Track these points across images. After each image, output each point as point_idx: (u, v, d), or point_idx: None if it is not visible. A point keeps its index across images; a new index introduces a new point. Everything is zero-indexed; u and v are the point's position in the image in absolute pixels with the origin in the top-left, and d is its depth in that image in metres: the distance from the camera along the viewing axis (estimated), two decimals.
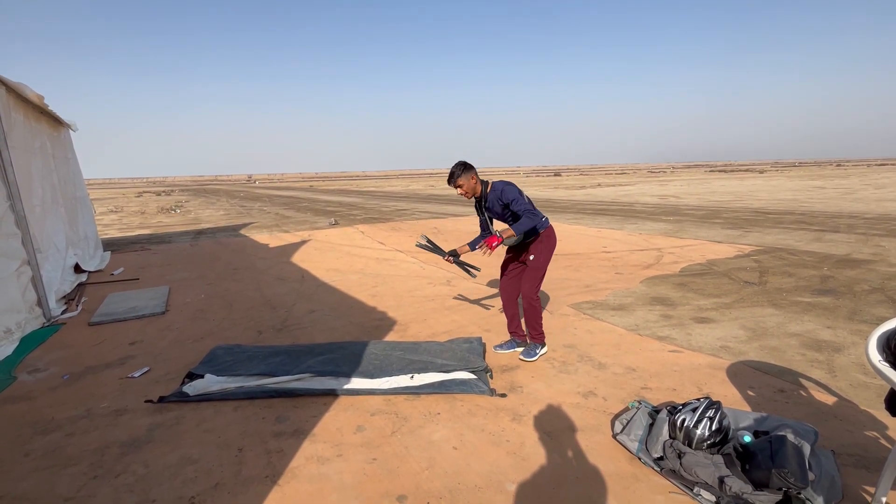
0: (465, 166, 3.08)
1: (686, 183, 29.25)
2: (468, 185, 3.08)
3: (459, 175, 3.07)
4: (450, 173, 3.11)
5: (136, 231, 12.18)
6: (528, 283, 3.18)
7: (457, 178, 3.07)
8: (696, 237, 8.40)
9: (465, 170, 3.07)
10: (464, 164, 3.09)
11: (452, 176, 3.09)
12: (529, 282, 3.17)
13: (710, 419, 2.07)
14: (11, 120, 4.78)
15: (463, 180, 3.06)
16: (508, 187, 3.04)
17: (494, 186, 3.11)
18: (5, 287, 4.05)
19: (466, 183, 3.07)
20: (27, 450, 2.34)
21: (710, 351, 3.38)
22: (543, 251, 3.22)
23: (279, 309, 4.70)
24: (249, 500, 1.94)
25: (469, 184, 3.08)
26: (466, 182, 3.07)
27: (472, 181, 3.08)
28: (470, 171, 3.08)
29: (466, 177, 3.07)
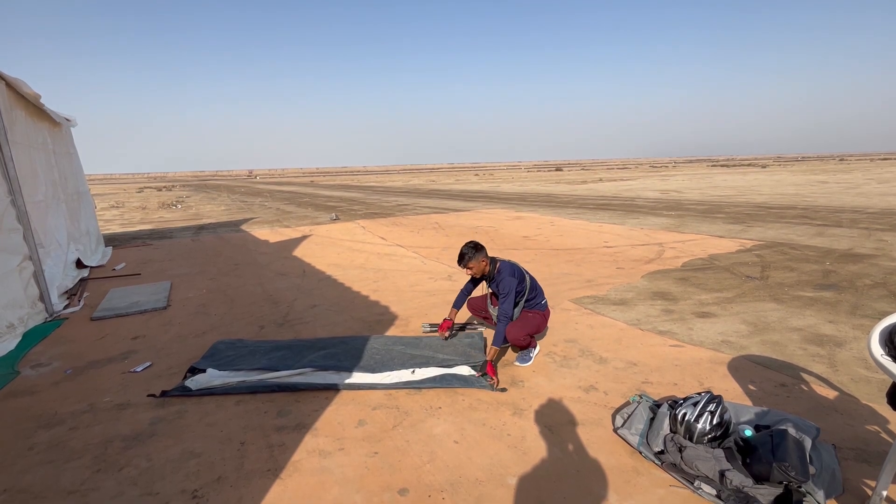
0: (475, 248, 3.11)
1: (688, 178, 29.15)
2: (479, 268, 3.13)
3: (471, 258, 3.09)
4: (460, 254, 3.11)
5: (137, 226, 12.20)
6: (516, 328, 3.09)
7: (468, 260, 3.09)
8: (698, 232, 8.38)
9: (476, 252, 3.10)
10: (475, 246, 3.12)
11: (463, 258, 3.11)
12: (517, 328, 3.09)
13: (711, 413, 2.07)
14: (12, 116, 4.78)
15: (473, 263, 3.10)
16: (509, 281, 3.08)
17: (501, 272, 3.16)
18: (7, 282, 4.06)
19: (477, 266, 3.12)
20: (31, 443, 2.36)
21: (711, 345, 3.37)
22: (540, 318, 3.26)
23: (280, 304, 4.71)
24: (252, 494, 1.95)
25: (480, 266, 3.12)
26: (477, 265, 3.11)
27: (482, 263, 3.12)
28: (480, 252, 3.11)
29: (477, 259, 3.10)
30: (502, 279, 3.12)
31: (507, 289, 3.08)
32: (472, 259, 3.09)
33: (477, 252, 3.10)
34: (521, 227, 9.64)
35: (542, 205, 14.56)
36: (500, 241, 8.13)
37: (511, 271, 3.15)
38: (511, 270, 3.16)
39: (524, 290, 3.19)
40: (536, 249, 7.21)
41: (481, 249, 3.13)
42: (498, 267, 3.18)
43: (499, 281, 3.14)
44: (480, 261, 3.11)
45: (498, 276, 3.15)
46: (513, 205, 14.87)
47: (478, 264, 3.11)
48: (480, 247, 3.14)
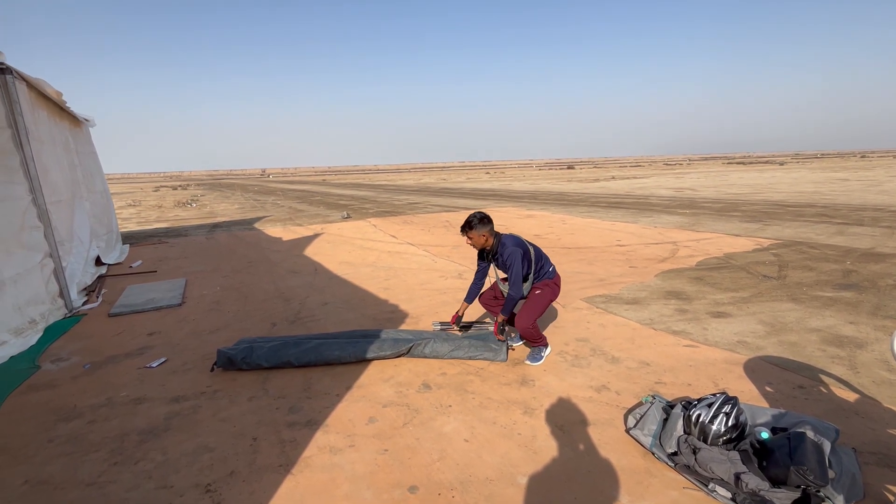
0: (482, 219, 3.06)
1: (703, 175, 28.68)
2: (478, 240, 3.10)
3: (474, 227, 3.05)
4: (467, 222, 3.07)
5: (153, 224, 12.42)
6: (524, 314, 3.09)
7: (472, 228, 3.05)
8: (713, 230, 8.24)
9: (482, 223, 3.05)
10: (482, 217, 3.07)
11: (469, 225, 3.06)
12: (526, 313, 3.08)
13: (727, 415, 2.03)
14: (35, 116, 4.89)
15: (475, 233, 3.06)
16: (514, 251, 3.03)
17: (504, 244, 3.09)
18: (29, 278, 4.16)
19: (477, 238, 3.08)
20: (51, 436, 2.41)
21: (726, 346, 3.31)
22: (549, 293, 3.21)
23: (292, 301, 4.75)
24: (264, 489, 1.97)
25: (479, 239, 3.09)
26: (477, 237, 3.08)
27: (483, 237, 3.08)
28: (486, 225, 3.06)
29: (481, 231, 3.05)
30: (506, 250, 3.04)
31: (512, 259, 3.01)
32: (474, 229, 3.05)
33: (482, 224, 3.05)
34: (532, 226, 9.58)
35: (553, 203, 14.46)
36: None
37: (514, 241, 3.09)
38: (514, 241, 3.09)
39: (530, 261, 3.12)
40: (548, 248, 7.14)
41: (488, 223, 3.07)
42: (501, 240, 3.11)
43: (503, 254, 3.06)
44: (482, 234, 3.06)
45: (502, 249, 3.08)
46: (524, 203, 14.80)
47: (479, 236, 3.07)
48: (488, 220, 3.08)
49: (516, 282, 3.04)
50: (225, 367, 3.10)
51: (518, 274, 3.03)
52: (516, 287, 3.05)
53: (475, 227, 3.05)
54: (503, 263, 3.09)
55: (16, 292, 3.93)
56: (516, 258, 3.01)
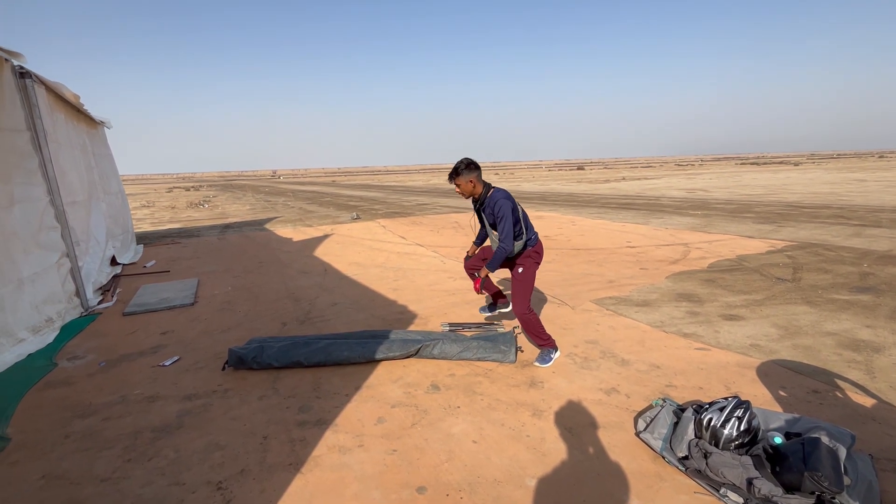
0: (469, 165, 3.00)
1: (715, 176, 28.32)
2: (466, 187, 3.03)
3: (462, 173, 2.99)
4: (454, 168, 3.02)
5: (167, 225, 12.60)
6: (516, 299, 3.10)
7: (459, 174, 2.99)
8: (726, 232, 8.13)
9: (468, 168, 2.99)
10: (469, 162, 3.01)
11: (456, 172, 3.01)
12: (518, 297, 3.09)
13: (739, 419, 2.01)
14: (54, 118, 5.00)
15: (462, 179, 3.00)
16: (504, 203, 2.96)
17: (493, 195, 3.02)
18: (47, 278, 4.25)
19: (465, 184, 3.01)
20: (67, 432, 2.46)
21: (739, 349, 3.27)
22: (531, 265, 3.18)
23: (302, 301, 4.79)
24: (274, 487, 1.99)
25: (467, 186, 3.02)
26: (465, 183, 3.01)
27: (470, 184, 3.02)
28: (473, 171, 3.00)
29: (467, 177, 2.99)
30: (496, 202, 2.96)
31: (503, 211, 2.93)
32: (461, 174, 2.98)
33: (469, 169, 2.98)
34: (541, 227, 9.54)
35: (563, 204, 14.39)
36: None
37: (506, 195, 3.00)
38: (506, 194, 3.01)
39: (518, 219, 3.04)
40: (557, 249, 7.12)
41: (475, 169, 3.00)
42: (491, 192, 3.03)
43: (492, 205, 2.98)
44: (470, 180, 2.99)
45: (490, 200, 3.00)
46: (533, 204, 14.74)
47: (466, 183, 2.99)
48: (476, 166, 3.01)
49: (508, 234, 2.95)
50: (236, 366, 3.14)
51: (510, 226, 2.94)
52: (508, 239, 2.96)
53: (462, 173, 2.98)
54: (492, 214, 3.01)
55: (34, 291, 4.02)
56: (507, 209, 2.93)
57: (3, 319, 3.54)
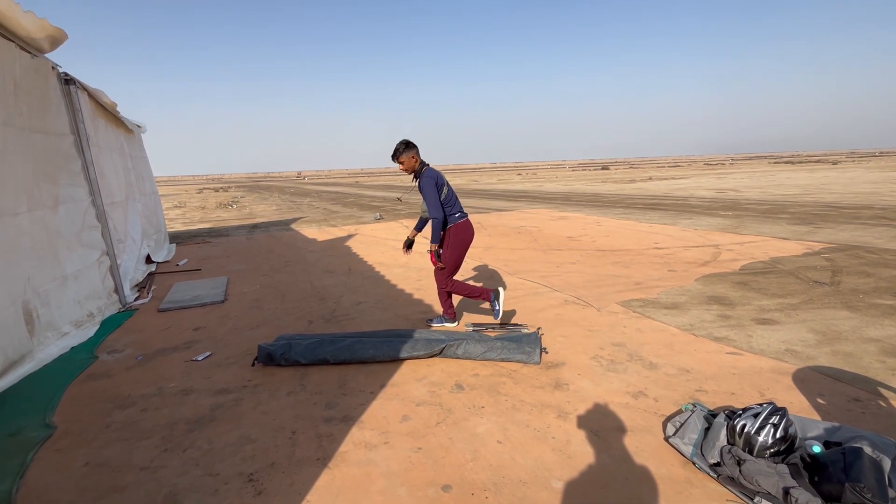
0: (407, 144, 3.42)
1: (747, 175, 27.39)
2: (409, 163, 3.44)
3: (402, 152, 3.41)
4: (394, 149, 3.44)
5: (197, 225, 13.02)
6: (438, 274, 3.65)
7: (400, 154, 3.41)
8: (759, 233, 7.86)
9: (407, 148, 3.42)
10: (406, 143, 3.43)
11: (396, 152, 3.43)
12: (439, 273, 3.63)
13: (774, 426, 1.94)
14: (95, 123, 5.24)
15: (404, 157, 3.41)
16: (427, 180, 3.40)
17: (425, 174, 3.45)
18: (89, 275, 4.46)
19: (407, 161, 3.43)
20: (108, 422, 2.58)
21: (773, 354, 3.16)
22: (450, 246, 3.62)
23: (328, 300, 4.88)
24: (302, 480, 2.04)
25: (410, 162, 3.43)
26: (407, 160, 3.43)
27: (412, 160, 3.44)
28: (412, 149, 3.43)
29: (408, 155, 3.42)
30: (423, 180, 3.42)
31: (425, 187, 3.40)
32: (402, 154, 3.41)
33: (408, 148, 3.42)
34: (565, 228, 9.44)
35: (587, 204, 14.18)
36: (543, 240, 8.00)
37: (431, 174, 3.44)
38: (432, 173, 3.44)
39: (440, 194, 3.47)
40: (581, 250, 7.03)
41: (413, 147, 3.45)
42: (424, 169, 3.47)
43: (421, 181, 3.44)
44: (411, 157, 3.43)
45: (421, 179, 3.45)
46: (557, 204, 14.59)
47: (408, 160, 3.42)
48: (413, 145, 3.45)
49: (432, 206, 3.40)
50: (265, 362, 3.22)
51: (433, 198, 3.39)
52: (433, 210, 3.41)
53: (403, 153, 3.41)
54: (421, 189, 3.46)
55: (77, 287, 4.22)
56: (429, 185, 3.38)
57: (49, 314, 3.74)
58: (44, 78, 4.05)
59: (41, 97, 3.99)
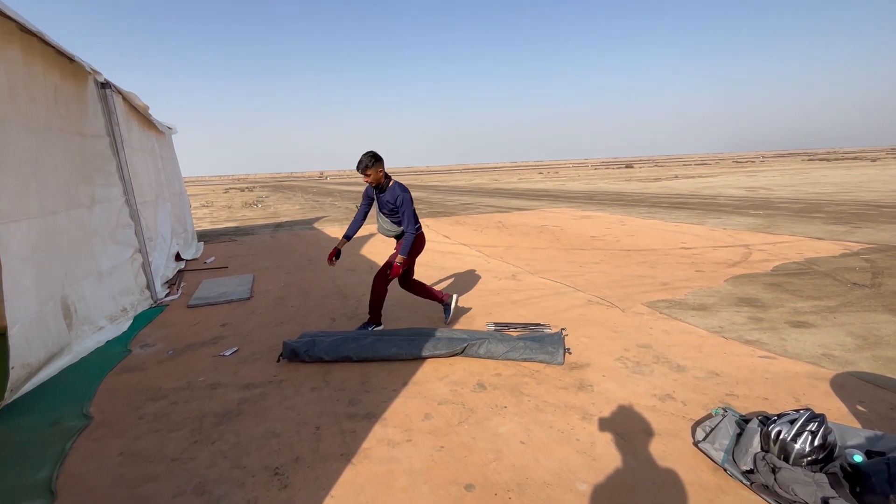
0: (375, 157, 3.44)
1: (779, 173, 26.42)
2: (375, 176, 3.48)
3: (370, 165, 3.43)
4: (360, 161, 3.43)
5: (224, 224, 13.36)
6: (383, 270, 3.68)
7: (366, 167, 3.42)
8: (792, 233, 7.57)
9: (375, 161, 3.44)
10: (374, 156, 3.45)
11: (364, 165, 3.42)
12: (383, 271, 3.68)
13: (812, 433, 1.86)
14: (129, 125, 5.43)
15: (371, 171, 3.44)
16: (406, 196, 3.54)
17: (396, 187, 3.56)
18: (122, 271, 4.63)
19: (374, 174, 3.46)
20: (141, 413, 2.67)
21: (809, 359, 3.03)
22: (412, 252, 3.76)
23: (350, 298, 4.93)
24: (327, 475, 2.06)
25: (376, 175, 3.48)
26: (374, 173, 3.46)
27: (379, 172, 3.48)
28: (379, 162, 3.47)
29: (375, 168, 3.45)
30: (398, 195, 3.53)
31: (405, 202, 3.53)
32: (370, 167, 3.42)
33: (376, 161, 3.45)
34: (588, 227, 9.29)
35: (611, 203, 13.93)
36: (566, 240, 7.89)
37: (404, 188, 3.58)
38: (404, 188, 3.59)
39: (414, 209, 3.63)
40: (605, 250, 6.91)
41: (380, 160, 3.47)
42: (392, 183, 3.57)
43: (394, 196, 3.54)
44: (378, 170, 3.47)
45: (392, 191, 3.55)
46: (579, 203, 14.38)
47: (375, 172, 3.46)
48: (379, 157, 3.47)
49: (411, 221, 3.55)
50: (290, 358, 3.28)
51: (411, 214, 3.55)
52: (412, 225, 3.56)
53: (372, 166, 3.43)
54: (393, 203, 3.55)
55: (111, 283, 4.38)
56: (408, 201, 3.54)
57: (86, 308, 3.89)
58: (81, 82, 4.22)
59: (79, 100, 4.15)
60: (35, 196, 3.33)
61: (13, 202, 3.06)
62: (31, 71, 3.37)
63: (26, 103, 3.29)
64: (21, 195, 3.16)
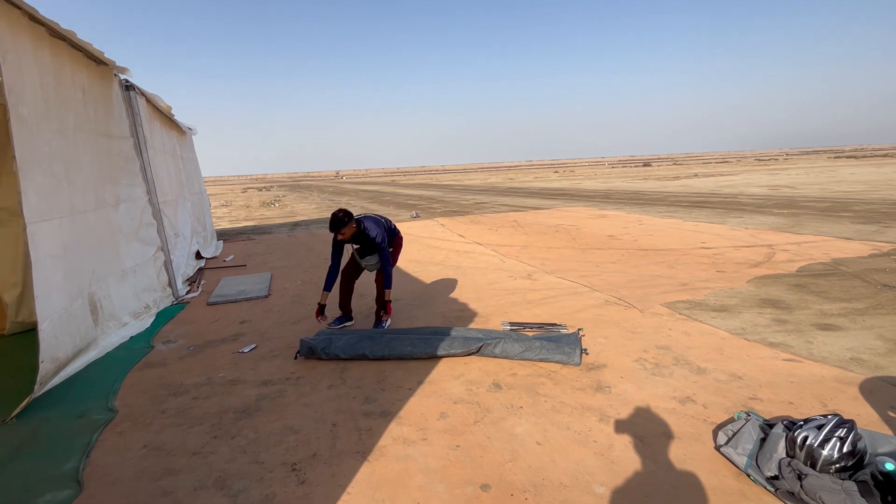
0: (347, 215, 3.60)
1: (804, 171, 25.67)
2: (349, 231, 3.62)
3: (346, 224, 3.57)
4: (336, 223, 3.53)
5: (242, 223, 13.59)
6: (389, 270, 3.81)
7: (343, 226, 3.56)
8: (818, 233, 7.34)
9: (348, 220, 3.59)
10: (346, 213, 3.60)
11: (340, 224, 3.54)
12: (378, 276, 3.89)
13: (841, 439, 1.80)
14: (151, 126, 5.56)
15: (346, 229, 3.59)
16: (380, 232, 3.68)
17: (367, 228, 3.67)
18: (145, 269, 4.74)
19: (349, 230, 3.61)
20: (163, 408, 2.73)
21: (836, 362, 2.94)
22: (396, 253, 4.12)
23: (366, 297, 4.95)
24: (343, 472, 2.08)
25: (350, 230, 3.63)
26: (349, 230, 3.61)
27: (352, 228, 3.63)
28: (352, 220, 3.63)
29: (349, 225, 3.60)
30: (373, 232, 3.66)
31: (381, 237, 3.68)
32: (346, 225, 3.57)
33: (349, 218, 3.61)
34: (605, 226, 9.17)
35: (628, 202, 13.73)
36: (582, 239, 7.81)
37: (375, 222, 3.73)
38: (374, 221, 3.73)
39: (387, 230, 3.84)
40: (622, 249, 6.81)
41: (351, 216, 3.63)
42: (363, 225, 3.68)
43: (373, 235, 3.66)
44: (351, 226, 3.63)
45: (367, 233, 3.67)
46: (596, 202, 14.21)
47: (350, 229, 3.62)
48: (350, 214, 3.63)
49: (387, 258, 3.74)
50: (307, 355, 3.32)
51: (387, 252, 3.74)
52: (387, 260, 3.75)
53: (346, 224, 3.56)
54: (371, 241, 3.69)
55: (135, 280, 4.50)
56: (384, 236, 3.70)
57: (111, 305, 4.00)
58: (107, 84, 4.33)
59: (105, 102, 4.27)
60: (66, 195, 3.44)
61: (47, 201, 3.17)
62: (61, 75, 3.48)
63: (57, 106, 3.40)
64: (54, 195, 3.26)
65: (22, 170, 2.91)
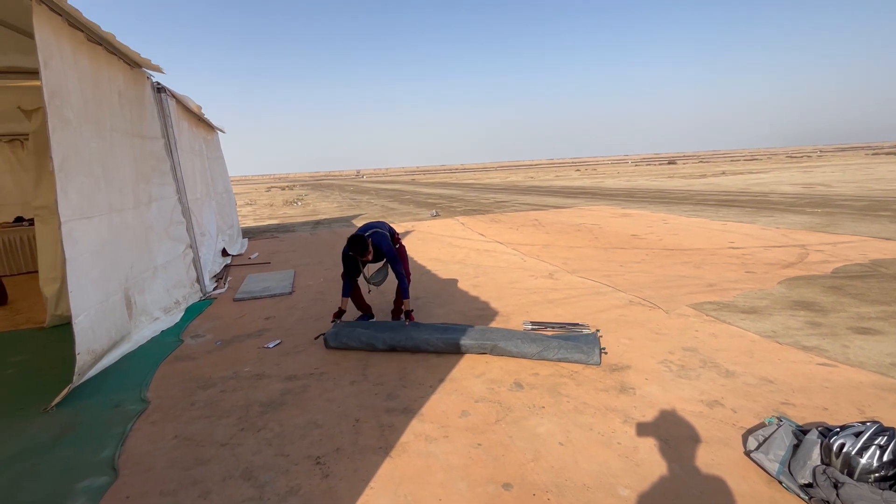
0: (369, 241, 3.59)
1: (839, 169, 24.62)
2: (370, 254, 3.63)
3: (368, 247, 3.56)
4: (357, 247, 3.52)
5: (266, 221, 13.88)
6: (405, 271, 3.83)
7: (367, 250, 3.55)
8: (855, 232, 7.03)
9: (370, 243, 3.59)
10: (367, 239, 3.57)
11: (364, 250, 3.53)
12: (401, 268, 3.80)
13: (881, 448, 1.73)
14: (180, 127, 5.73)
15: (369, 253, 3.60)
16: (390, 247, 3.68)
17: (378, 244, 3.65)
18: (175, 266, 4.90)
19: (370, 253, 3.61)
20: (193, 400, 2.82)
21: (875, 368, 2.81)
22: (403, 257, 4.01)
23: (387, 294, 4.99)
24: (366, 467, 2.10)
25: (371, 252, 3.64)
26: (370, 253, 3.61)
27: (373, 251, 3.64)
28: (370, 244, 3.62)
29: (370, 248, 3.60)
30: (384, 247, 3.66)
31: (392, 251, 3.68)
32: (368, 248, 3.57)
33: (370, 243, 3.61)
34: (628, 225, 9.01)
35: (652, 201, 13.44)
36: (604, 238, 7.68)
37: (381, 237, 3.68)
38: (381, 237, 3.69)
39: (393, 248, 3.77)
40: (647, 249, 6.67)
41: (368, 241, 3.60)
42: (374, 242, 3.65)
43: (383, 252, 3.68)
44: (371, 249, 3.63)
45: (379, 249, 3.67)
46: (619, 201, 13.96)
47: (371, 251, 3.63)
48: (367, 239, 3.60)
49: (402, 273, 3.71)
50: (330, 339, 3.49)
51: (401, 266, 3.72)
52: (402, 273, 3.72)
53: (368, 247, 3.56)
54: (384, 255, 3.72)
55: (166, 277, 4.65)
56: (392, 250, 3.68)
57: (143, 300, 4.14)
58: (141, 87, 4.49)
59: (139, 104, 4.42)
60: (104, 194, 3.58)
61: (87, 200, 3.31)
62: (98, 78, 3.62)
63: (95, 108, 3.54)
64: (93, 193, 3.41)
65: (65, 170, 3.04)
